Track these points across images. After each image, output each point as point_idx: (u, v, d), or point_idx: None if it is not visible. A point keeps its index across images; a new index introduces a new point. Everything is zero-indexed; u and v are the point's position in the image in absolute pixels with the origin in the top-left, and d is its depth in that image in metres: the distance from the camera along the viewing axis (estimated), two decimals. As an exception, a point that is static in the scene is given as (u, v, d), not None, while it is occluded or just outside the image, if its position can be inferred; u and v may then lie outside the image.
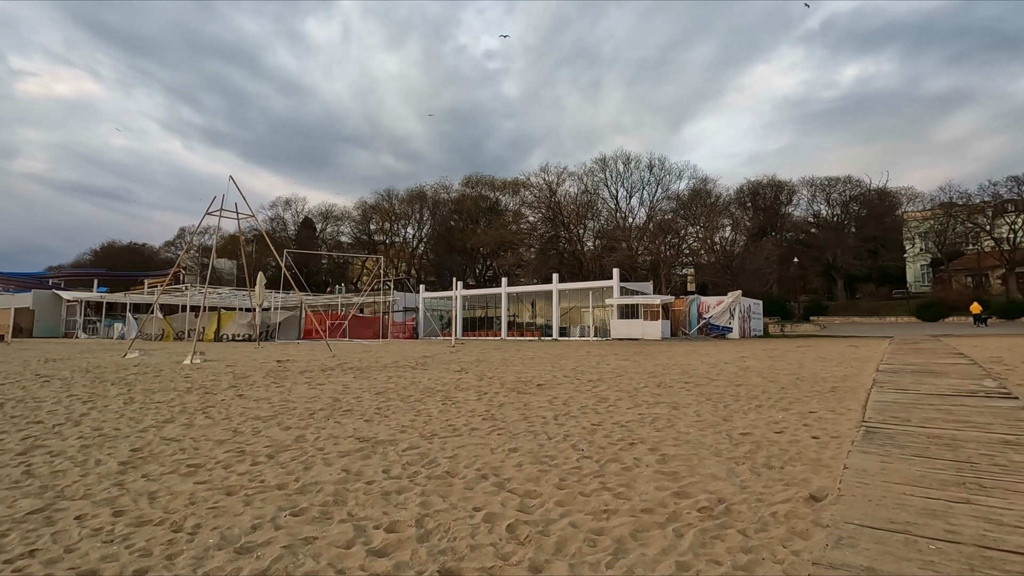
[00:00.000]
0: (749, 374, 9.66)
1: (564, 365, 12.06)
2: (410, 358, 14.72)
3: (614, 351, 17.10)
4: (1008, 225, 46.13)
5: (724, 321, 29.22)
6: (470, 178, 67.64)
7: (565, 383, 8.94)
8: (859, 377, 8.83)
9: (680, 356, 14.36)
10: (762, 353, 14.73)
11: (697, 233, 47.81)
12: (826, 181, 56.37)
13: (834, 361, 11.82)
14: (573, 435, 5.26)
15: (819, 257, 52.70)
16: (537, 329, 34.89)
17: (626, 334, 28.48)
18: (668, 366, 11.43)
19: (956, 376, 8.34)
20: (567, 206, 49.99)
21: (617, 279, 30.26)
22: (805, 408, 6.36)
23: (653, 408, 6.57)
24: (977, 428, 5.01)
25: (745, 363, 11.82)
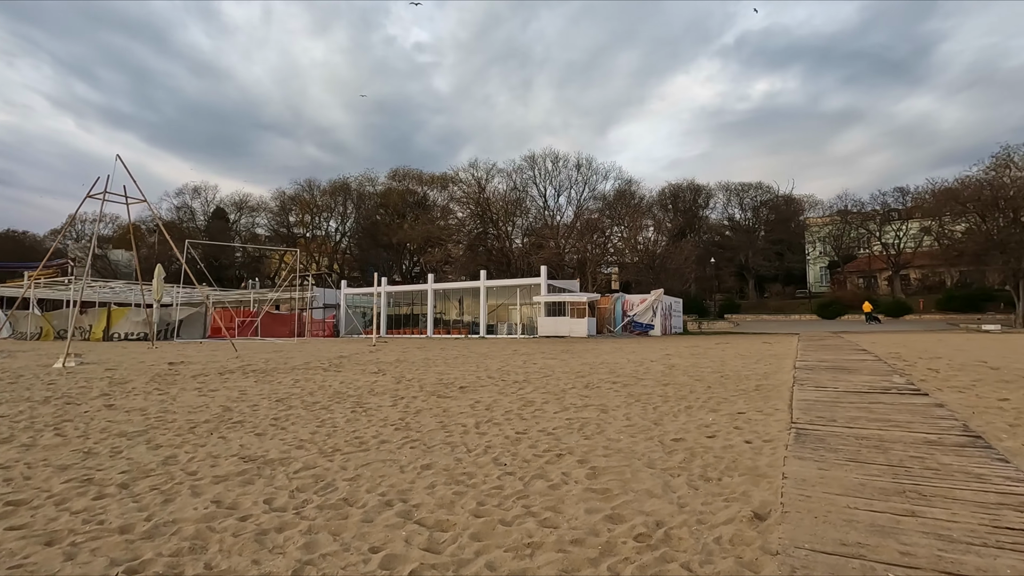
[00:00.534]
0: (675, 372, 9.58)
1: (490, 365, 11.55)
2: (324, 358, 13.66)
3: (541, 349, 16.82)
4: (894, 231, 50.79)
5: (647, 319, 29.93)
6: (397, 171, 65.67)
7: (489, 385, 8.42)
8: (779, 375, 8.95)
9: (607, 354, 14.27)
10: (685, 351, 14.95)
11: (622, 233, 49.00)
12: (740, 186, 59.65)
13: (753, 358, 12.09)
14: (495, 446, 4.73)
15: (733, 258, 55.67)
16: (464, 327, 34.24)
17: (553, 331, 28.48)
18: (595, 365, 11.21)
19: (867, 373, 8.62)
20: (496, 203, 49.65)
21: (545, 277, 30.22)
22: (734, 408, 6.20)
23: (581, 412, 6.18)
24: (900, 427, 4.98)
25: (670, 361, 11.84)
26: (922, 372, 8.94)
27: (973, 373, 8.73)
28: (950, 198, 39.86)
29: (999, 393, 6.87)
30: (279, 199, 66.00)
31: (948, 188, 41.62)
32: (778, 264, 56.65)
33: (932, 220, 44.19)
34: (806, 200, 61.74)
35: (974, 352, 12.51)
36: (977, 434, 4.71)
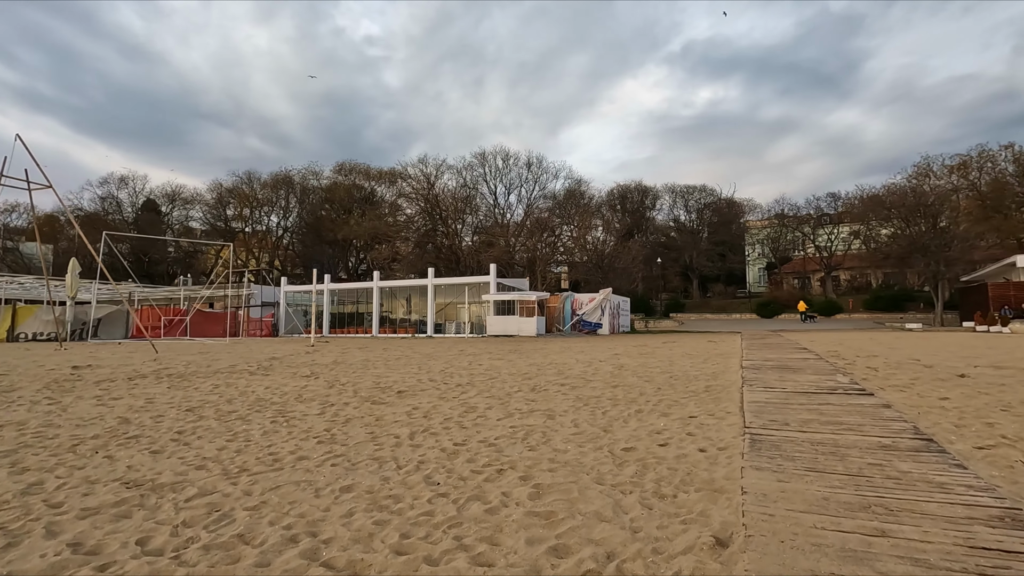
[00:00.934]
0: (624, 373, 9.33)
1: (433, 366, 10.97)
2: (255, 360, 12.68)
3: (489, 349, 16.36)
4: (826, 235, 53.38)
5: (596, 318, 30.02)
6: (343, 165, 63.49)
7: (430, 388, 7.88)
8: (727, 375, 8.85)
9: (555, 354, 13.96)
10: (633, 350, 14.86)
11: (571, 232, 49.21)
12: (685, 189, 61.16)
13: (700, 358, 12.07)
14: (429, 461, 4.22)
15: (678, 258, 57.04)
16: (411, 326, 33.34)
17: (502, 330, 28.08)
18: (543, 366, 10.84)
19: (812, 372, 8.63)
20: (446, 200, 48.81)
21: (494, 275, 29.78)
22: (685, 412, 5.94)
23: (527, 418, 5.75)
24: (853, 430, 4.82)
25: (619, 361, 11.63)
26: (862, 371, 9.05)
27: (910, 372, 8.91)
28: (877, 204, 42.20)
29: (938, 392, 6.93)
30: (216, 191, 62.53)
31: (875, 195, 44.07)
32: (720, 265, 58.46)
33: (861, 225, 46.66)
34: (746, 204, 64.05)
35: (906, 350, 12.97)
36: (928, 437, 4.60)
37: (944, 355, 11.64)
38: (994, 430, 4.98)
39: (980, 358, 10.94)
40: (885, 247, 39.38)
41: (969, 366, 9.57)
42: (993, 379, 8.00)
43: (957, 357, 11.15)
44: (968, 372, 8.72)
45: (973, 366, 9.54)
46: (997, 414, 5.62)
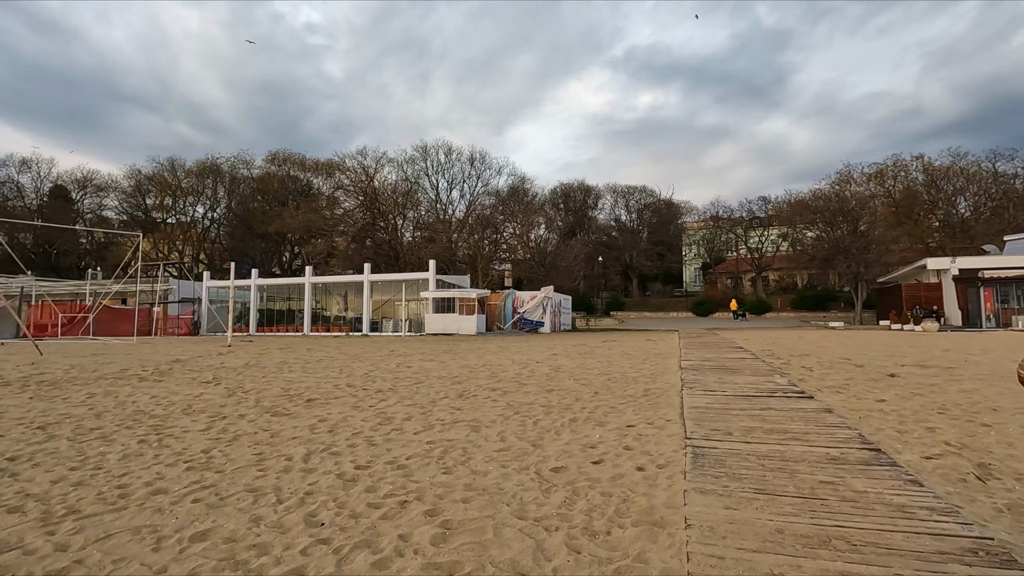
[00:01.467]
0: (561, 376, 8.82)
1: (356, 369, 10.09)
2: (154, 363, 11.32)
3: (423, 349, 15.55)
4: (757, 237, 55.69)
5: (537, 316, 29.69)
6: (276, 155, 60.27)
7: (346, 396, 7.05)
8: (666, 376, 8.51)
9: (492, 354, 13.35)
10: (573, 349, 14.47)
11: (515, 230, 48.85)
12: (626, 189, 62.21)
13: (639, 357, 11.78)
14: (319, 492, 3.47)
15: (619, 257, 57.89)
16: (346, 324, 31.85)
17: (441, 329, 27.22)
18: (477, 368, 10.19)
19: (750, 373, 8.43)
20: (385, 194, 47.25)
21: (433, 271, 28.84)
22: (622, 420, 5.45)
23: (448, 431, 5.08)
24: (798, 440, 4.46)
25: (557, 362, 11.15)
26: (798, 371, 8.97)
27: (843, 372, 8.89)
28: (803, 208, 44.26)
29: (874, 393, 6.81)
30: (134, 178, 57.89)
31: (801, 199, 46.25)
32: (659, 264, 59.84)
33: (789, 228, 48.89)
34: (684, 205, 65.91)
35: (835, 349, 13.23)
36: (875, 446, 4.29)
37: (871, 354, 11.89)
38: (936, 436, 4.77)
39: (904, 357, 11.21)
40: (811, 249, 41.32)
41: (896, 365, 9.71)
42: (921, 379, 8.04)
43: (883, 356, 11.39)
44: (897, 372, 8.79)
45: (900, 365, 9.68)
46: (935, 417, 5.47)
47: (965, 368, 9.13)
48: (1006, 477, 3.73)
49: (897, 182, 45.73)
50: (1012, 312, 27.60)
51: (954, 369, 9.01)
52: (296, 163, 60.57)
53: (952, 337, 18.60)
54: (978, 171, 43.94)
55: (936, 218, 45.28)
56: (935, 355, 11.45)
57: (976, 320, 27.80)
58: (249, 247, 58.05)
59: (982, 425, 5.10)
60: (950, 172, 44.43)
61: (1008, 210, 41.19)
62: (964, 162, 44.24)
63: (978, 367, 9.26)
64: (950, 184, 44.87)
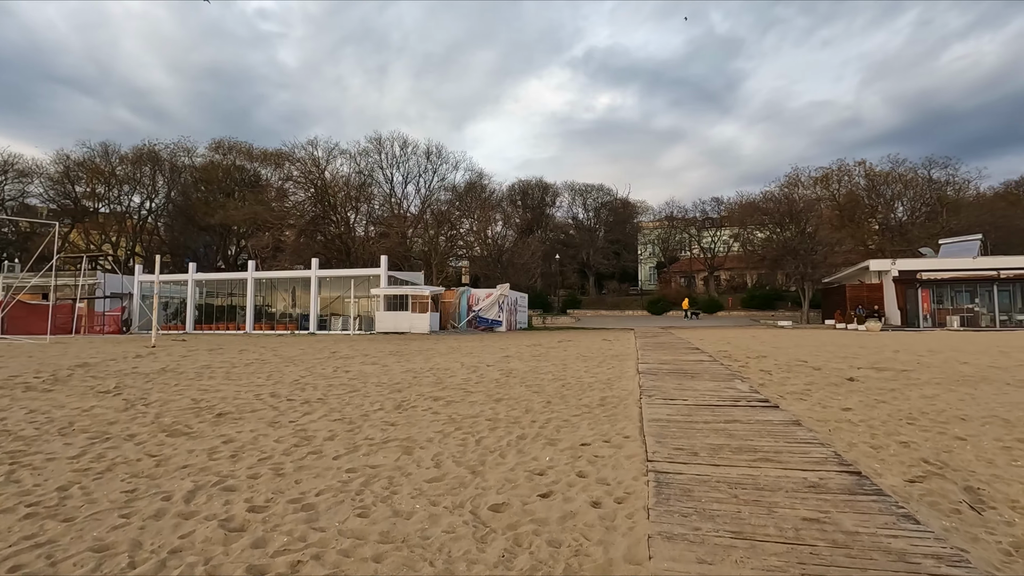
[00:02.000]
0: (512, 382, 8.19)
1: (288, 374, 9.17)
2: (55, 367, 10.01)
3: (369, 348, 14.64)
4: (710, 237, 56.83)
5: (493, 314, 29.04)
6: (221, 143, 57.16)
7: (266, 408, 6.19)
8: (623, 381, 8.01)
9: (441, 356, 12.61)
10: (526, 351, 13.89)
11: (471, 226, 48.02)
12: (584, 187, 62.32)
13: (595, 360, 11.29)
14: (189, 550, 2.70)
15: (576, 255, 57.92)
16: (292, 321, 30.33)
17: (393, 327, 26.19)
18: (422, 372, 9.44)
19: (709, 378, 8.02)
20: (337, 186, 45.51)
21: (385, 267, 27.76)
22: (576, 437, 4.85)
23: (375, 454, 4.35)
24: (771, 461, 3.96)
25: (509, 364, 10.52)
26: (757, 375, 8.65)
27: (802, 375, 8.62)
28: (754, 210, 45.32)
29: (837, 400, 6.49)
30: (62, 163, 53.73)
31: (752, 201, 47.38)
32: (616, 263, 60.25)
33: (740, 228, 50.00)
34: (640, 205, 66.63)
35: (789, 350, 13.15)
36: (853, 466, 3.84)
37: (824, 355, 11.81)
38: (912, 452, 4.38)
39: (857, 358, 11.15)
40: (761, 250, 42.30)
41: (852, 368, 9.56)
42: (880, 383, 7.84)
43: (837, 358, 11.30)
44: (855, 375, 8.59)
45: (856, 368, 9.54)
46: (906, 429, 5.12)
47: (919, 371, 9.04)
48: (1000, 505, 3.32)
49: (841, 186, 47.46)
50: (946, 312, 28.87)
51: (909, 372, 8.89)
52: (243, 152, 57.76)
53: (896, 337, 19.06)
54: (915, 177, 46.09)
55: (876, 221, 47.24)
56: (886, 356, 11.46)
57: (914, 320, 28.93)
58: (191, 240, 55.00)
59: (956, 439, 4.77)
60: (889, 178, 46.45)
61: (942, 215, 43.33)
62: (902, 168, 46.35)
63: (931, 370, 9.20)
64: (889, 189, 46.91)
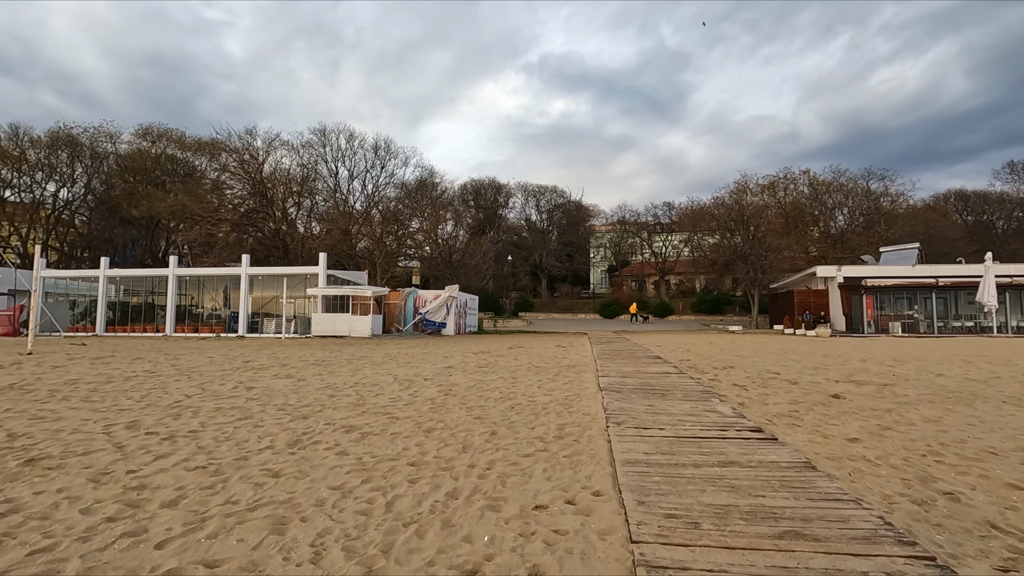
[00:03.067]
0: (450, 402, 6.79)
1: (171, 394, 7.41)
2: None
3: (293, 356, 12.87)
4: (661, 241, 57.13)
5: (440, 317, 27.45)
6: (149, 129, 52.83)
7: (107, 449, 4.53)
8: (583, 401, 6.75)
9: (374, 366, 11.03)
10: (473, 359, 12.49)
11: (421, 225, 46.15)
12: (537, 188, 61.54)
13: (549, 371, 10.03)
14: None
15: (528, 257, 56.98)
16: (219, 323, 27.74)
17: (331, 330, 24.18)
18: (343, 388, 7.89)
19: (682, 396, 6.88)
20: (277, 180, 42.69)
21: (324, 266, 25.70)
22: (527, 494, 3.52)
23: (225, 536, 2.87)
24: (803, 537, 2.75)
25: (450, 378, 9.11)
26: (731, 390, 7.60)
27: (780, 391, 7.64)
28: (704, 216, 45.66)
29: (836, 427, 5.46)
30: (-40, 145, 48.16)
31: (703, 206, 47.81)
32: (568, 265, 59.70)
33: (691, 233, 50.34)
34: (593, 208, 66.48)
35: (753, 359, 12.33)
36: (921, 548, 2.68)
37: (792, 365, 11.00)
38: (971, 512, 3.30)
39: (827, 369, 10.38)
40: (712, 254, 42.51)
41: (828, 381, 8.71)
42: (867, 400, 6.92)
43: (807, 368, 10.50)
44: (837, 391, 7.69)
45: (833, 381, 8.68)
46: (937, 470, 4.08)
47: (901, 385, 8.24)
48: None
49: (787, 193, 48.54)
50: (889, 318, 29.47)
51: (892, 387, 8.07)
52: (174, 140, 53.61)
53: (850, 343, 18.82)
54: (855, 187, 47.72)
55: (818, 229, 48.57)
56: (855, 367, 10.75)
57: (859, 326, 29.37)
58: (116, 234, 50.58)
59: (1010, 486, 3.74)
60: (831, 187, 47.89)
61: (880, 224, 44.92)
62: (844, 178, 47.90)
63: (911, 384, 8.43)
64: (831, 198, 48.38)
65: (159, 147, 53.40)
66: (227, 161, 47.46)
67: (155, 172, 51.23)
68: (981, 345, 17.49)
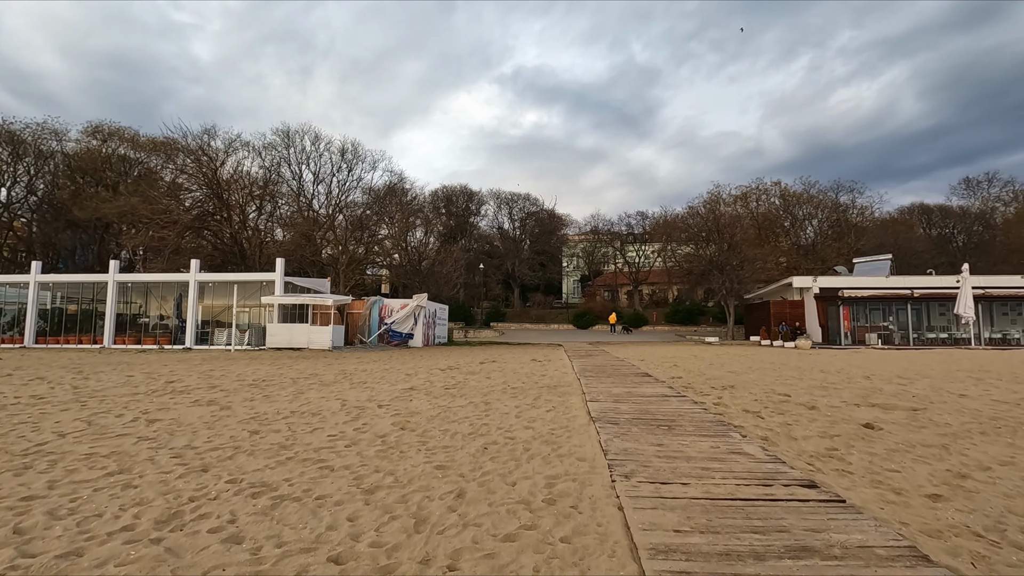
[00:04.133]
0: (405, 443, 5.37)
1: (42, 430, 5.78)
2: None
3: (231, 375, 11.21)
4: (634, 251, 56.62)
5: (407, 327, 25.84)
6: (100, 127, 49.80)
7: None
8: (574, 439, 5.43)
9: (320, 388, 9.49)
10: (439, 377, 11.05)
11: (390, 231, 44.39)
12: (510, 196, 60.44)
13: (528, 394, 8.67)
14: None
15: (500, 266, 55.67)
16: (165, 334, 25.52)
17: (287, 342, 22.32)
18: (274, 421, 6.38)
19: (694, 429, 5.63)
20: (237, 183, 40.43)
21: (281, 272, 23.85)
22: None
23: None
24: None
25: (410, 404, 7.67)
26: (747, 419, 6.40)
27: (802, 419, 6.47)
28: (678, 226, 45.23)
29: (900, 475, 4.26)
30: None
31: (678, 216, 47.40)
32: (541, 275, 58.63)
33: (664, 243, 49.88)
34: (566, 218, 65.72)
35: (749, 376, 11.23)
36: None
37: (795, 384, 9.92)
38: None
39: (836, 389, 9.32)
40: (688, 264, 41.94)
41: (846, 404, 7.61)
42: (909, 434, 5.80)
43: (813, 388, 9.42)
44: (864, 417, 6.57)
45: (852, 404, 7.58)
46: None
47: (932, 410, 7.19)
48: None
49: (759, 204, 48.59)
50: (865, 330, 29.14)
51: (923, 412, 7.00)
52: (127, 139, 50.55)
53: (839, 357, 18.04)
54: (824, 199, 48.08)
55: (789, 239, 48.71)
56: (864, 385, 9.74)
57: (836, 337, 28.95)
58: (62, 238, 47.29)
59: None
60: (802, 199, 48.15)
61: (849, 235, 45.23)
62: (814, 190, 48.23)
63: (940, 407, 7.39)
64: (801, 210, 48.63)
65: (110, 146, 50.33)
66: (184, 162, 44.89)
67: (105, 173, 48.22)
68: (970, 358, 16.90)
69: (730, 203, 47.59)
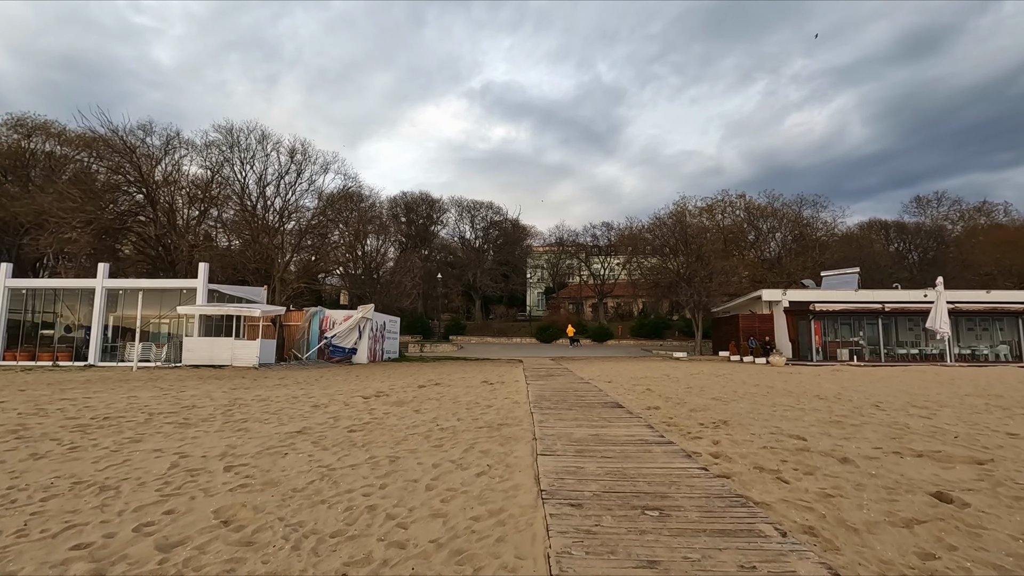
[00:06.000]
0: (319, 517, 3.12)
1: None
2: None
3: (75, 406, 8.63)
4: (599, 263, 55.25)
5: (351, 342, 23.26)
6: (22, 120, 45.48)
7: None
8: (509, 541, 3.28)
9: (171, 435, 7.05)
10: (351, 413, 8.73)
11: (343, 238, 41.55)
12: (472, 204, 58.38)
13: (460, 440, 6.47)
14: None
15: (461, 276, 53.35)
16: (68, 348, 22.20)
17: (207, 358, 19.43)
18: (23, 503, 4.01)
19: (700, 515, 3.53)
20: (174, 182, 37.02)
21: (204, 278, 21.02)
22: None
23: None
24: None
25: (275, 465, 5.38)
26: (766, 486, 4.39)
27: (847, 489, 4.50)
28: (644, 236, 44.02)
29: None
30: None
31: (643, 227, 46.23)
32: (504, 286, 56.59)
33: (630, 255, 48.63)
34: (531, 229, 64.06)
35: (738, 405, 9.32)
36: None
37: (805, 420, 8.03)
38: None
39: (855, 428, 7.47)
40: (654, 276, 40.61)
41: (884, 454, 5.72)
42: (1003, 513, 3.90)
43: (828, 425, 7.54)
44: (926, 480, 4.66)
45: (893, 453, 5.69)
46: None
47: (1007, 466, 5.35)
48: None
49: (725, 216, 47.96)
50: (836, 345, 28.11)
51: (992, 465, 5.15)
52: (53, 135, 46.21)
53: (821, 375, 16.48)
54: (787, 212, 47.80)
55: (754, 252, 48.18)
56: (883, 420, 7.93)
57: (807, 353, 27.79)
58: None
59: None
60: (766, 211, 47.75)
61: (815, 249, 44.89)
62: (779, 203, 47.93)
63: (996, 451, 5.57)
64: (765, 223, 48.23)
65: (34, 142, 45.97)
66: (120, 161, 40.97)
67: (23, 169, 43.98)
68: (958, 377, 15.60)
69: (696, 215, 46.79)
